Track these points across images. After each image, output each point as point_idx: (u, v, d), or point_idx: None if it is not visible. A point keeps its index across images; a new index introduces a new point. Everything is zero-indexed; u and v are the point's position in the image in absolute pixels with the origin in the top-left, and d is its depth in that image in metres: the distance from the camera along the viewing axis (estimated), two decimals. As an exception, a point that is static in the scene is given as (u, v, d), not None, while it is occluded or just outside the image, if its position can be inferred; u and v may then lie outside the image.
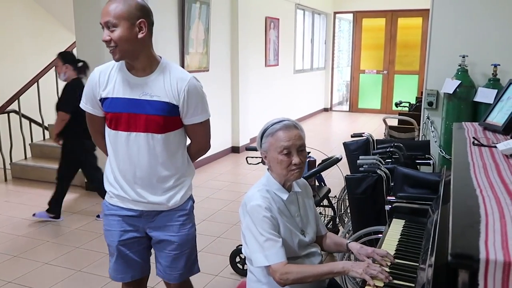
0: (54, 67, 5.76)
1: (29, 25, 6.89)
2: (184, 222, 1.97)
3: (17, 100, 5.50)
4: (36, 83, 5.63)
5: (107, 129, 1.91)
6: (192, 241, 2.03)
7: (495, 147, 1.80)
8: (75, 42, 5.05)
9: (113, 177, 1.92)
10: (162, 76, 1.83)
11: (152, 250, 2.07)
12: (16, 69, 6.53)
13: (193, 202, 2.06)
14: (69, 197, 4.79)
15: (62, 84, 5.83)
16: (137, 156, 1.85)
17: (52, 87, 5.76)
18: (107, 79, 1.86)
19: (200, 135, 1.98)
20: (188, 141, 2.02)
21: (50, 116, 5.96)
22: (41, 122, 5.85)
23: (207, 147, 2.05)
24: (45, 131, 5.94)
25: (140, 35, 1.76)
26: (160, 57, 1.88)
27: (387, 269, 1.59)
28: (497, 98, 2.40)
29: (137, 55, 1.80)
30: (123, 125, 1.83)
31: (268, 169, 1.81)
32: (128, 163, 1.87)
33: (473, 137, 1.97)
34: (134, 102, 1.81)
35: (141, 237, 1.98)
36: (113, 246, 1.97)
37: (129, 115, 1.82)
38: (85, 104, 1.93)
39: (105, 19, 1.74)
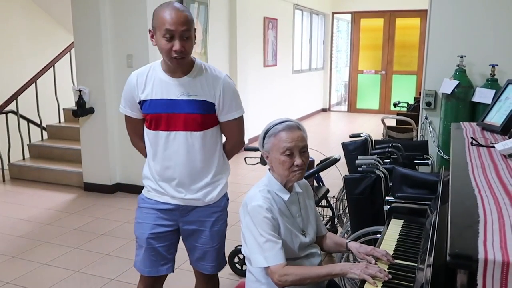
0: (52, 67, 5.77)
1: (27, 25, 6.88)
2: (217, 219, 2.04)
3: (15, 101, 5.49)
4: (34, 83, 5.62)
5: (146, 130, 1.98)
6: (223, 236, 2.11)
7: (493, 147, 1.80)
8: (73, 43, 5.04)
9: (152, 175, 1.99)
10: (198, 76, 1.91)
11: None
12: (14, 69, 6.52)
13: (228, 200, 2.12)
14: (67, 197, 4.79)
15: (61, 84, 5.87)
16: (176, 154, 1.92)
17: (50, 88, 5.76)
18: (144, 82, 1.91)
19: (235, 132, 2.04)
20: (223, 139, 2.08)
21: (48, 117, 5.97)
22: (39, 122, 5.84)
23: (242, 144, 2.13)
24: (43, 131, 5.93)
25: (194, 43, 1.86)
26: (194, 58, 1.95)
27: (386, 269, 1.59)
28: (495, 98, 2.40)
29: (188, 60, 1.89)
30: (163, 125, 1.90)
31: (269, 169, 1.81)
32: (168, 161, 1.93)
33: (471, 137, 1.97)
34: (173, 103, 1.88)
35: (172, 231, 2.03)
36: (142, 238, 2.01)
37: (168, 115, 1.89)
38: (124, 108, 2.00)
39: (182, 28, 1.76)
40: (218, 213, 2.05)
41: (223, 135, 2.06)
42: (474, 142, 1.90)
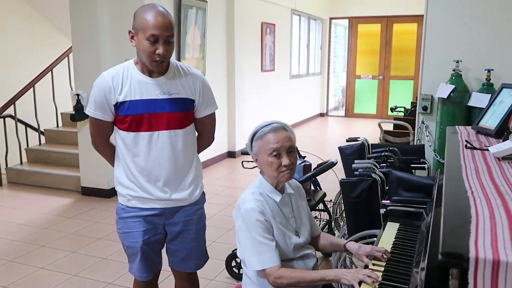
0: (50, 72, 5.78)
1: (25, 30, 6.90)
2: (201, 215, 2.09)
3: (13, 105, 5.50)
4: (32, 88, 5.63)
5: (122, 133, 1.92)
6: (204, 231, 2.15)
7: (487, 150, 1.82)
8: (71, 47, 5.06)
9: (131, 180, 1.95)
10: (177, 75, 1.94)
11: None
12: (12, 74, 6.53)
13: (205, 194, 2.16)
14: (65, 201, 4.79)
15: (59, 88, 5.89)
16: (161, 154, 1.91)
17: (48, 92, 5.77)
18: (121, 83, 1.88)
19: (209, 127, 2.11)
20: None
21: (46, 121, 5.98)
22: (37, 127, 5.85)
23: (213, 139, 2.19)
24: (41, 136, 5.94)
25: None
26: None
27: (380, 275, 1.60)
28: (490, 102, 2.43)
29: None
30: (145, 125, 1.89)
31: (260, 172, 1.82)
32: (152, 162, 1.92)
33: (466, 140, 1.99)
34: (154, 102, 1.88)
35: (160, 233, 2.04)
36: (136, 246, 2.00)
37: (150, 115, 1.88)
38: (94, 111, 1.91)
39: (168, 33, 1.79)
40: (201, 209, 2.10)
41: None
42: (468, 145, 1.92)
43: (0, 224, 4.13)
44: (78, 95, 4.72)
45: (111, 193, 4.83)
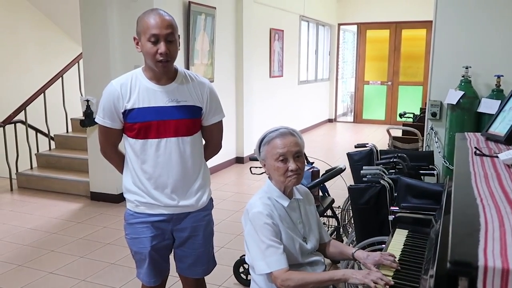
0: (60, 78, 5.84)
1: (35, 36, 6.98)
2: (208, 221, 2.09)
3: (23, 111, 5.56)
4: (42, 93, 5.69)
5: (131, 140, 1.94)
6: (212, 237, 2.15)
7: (497, 157, 1.80)
8: (81, 53, 5.11)
9: (139, 187, 1.97)
10: (184, 82, 1.95)
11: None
12: (22, 79, 6.61)
13: (212, 200, 2.17)
14: (74, 206, 4.82)
15: (69, 94, 5.94)
16: (169, 161, 1.92)
17: (58, 98, 5.83)
18: (129, 91, 1.90)
19: (216, 135, 2.13)
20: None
21: (56, 127, 6.04)
22: (47, 132, 5.90)
23: (220, 147, 2.20)
24: (51, 141, 5.99)
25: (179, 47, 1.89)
26: (177, 66, 1.98)
27: (391, 277, 1.59)
28: (499, 109, 2.41)
29: (173, 66, 1.92)
30: (153, 133, 1.90)
31: (268, 177, 1.83)
32: (159, 169, 1.93)
33: (475, 147, 1.97)
34: (162, 110, 1.89)
35: (168, 239, 2.04)
36: (144, 252, 2.01)
37: (158, 122, 1.89)
38: (103, 119, 1.93)
39: (167, 31, 1.80)
40: (209, 215, 2.11)
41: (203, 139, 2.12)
42: (477, 152, 1.90)
43: (10, 229, 4.17)
44: (88, 100, 4.76)
45: (119, 199, 4.85)
